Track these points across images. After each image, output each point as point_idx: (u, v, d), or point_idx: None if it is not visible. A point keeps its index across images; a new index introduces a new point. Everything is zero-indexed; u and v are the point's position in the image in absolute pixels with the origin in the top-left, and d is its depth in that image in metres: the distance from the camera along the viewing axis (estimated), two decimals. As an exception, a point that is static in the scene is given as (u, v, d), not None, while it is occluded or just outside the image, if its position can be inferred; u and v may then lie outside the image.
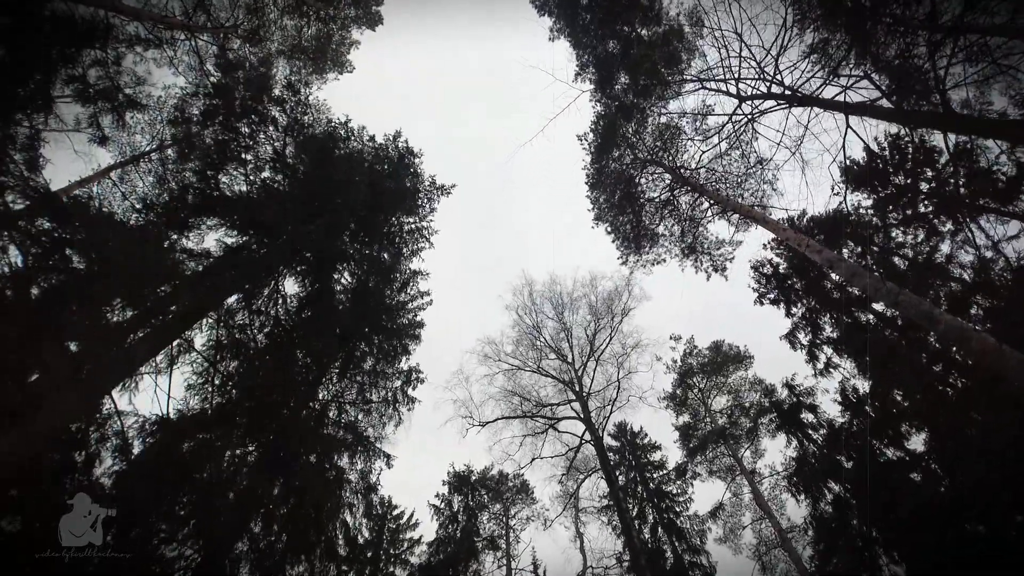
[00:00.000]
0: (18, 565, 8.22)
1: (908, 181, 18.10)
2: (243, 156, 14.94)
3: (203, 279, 13.54)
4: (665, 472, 36.70)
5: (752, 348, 37.74)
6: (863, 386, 20.15)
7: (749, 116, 18.94)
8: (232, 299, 15.27)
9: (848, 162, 19.06)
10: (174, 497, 12.32)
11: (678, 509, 34.28)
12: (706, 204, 23.08)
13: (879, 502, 17.85)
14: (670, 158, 23.02)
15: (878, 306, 19.22)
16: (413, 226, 21.60)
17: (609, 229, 25.43)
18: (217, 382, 14.63)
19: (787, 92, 16.57)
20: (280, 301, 16.48)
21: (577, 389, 37.24)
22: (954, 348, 15.95)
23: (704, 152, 21.74)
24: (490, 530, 37.28)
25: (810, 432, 23.83)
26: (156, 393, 12.95)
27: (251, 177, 15.26)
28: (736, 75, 17.83)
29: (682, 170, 22.61)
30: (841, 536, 19.99)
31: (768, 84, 17.02)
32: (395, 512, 35.48)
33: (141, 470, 11.87)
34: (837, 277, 12.97)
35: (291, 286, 17.35)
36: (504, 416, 37.88)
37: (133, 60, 14.63)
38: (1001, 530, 14.64)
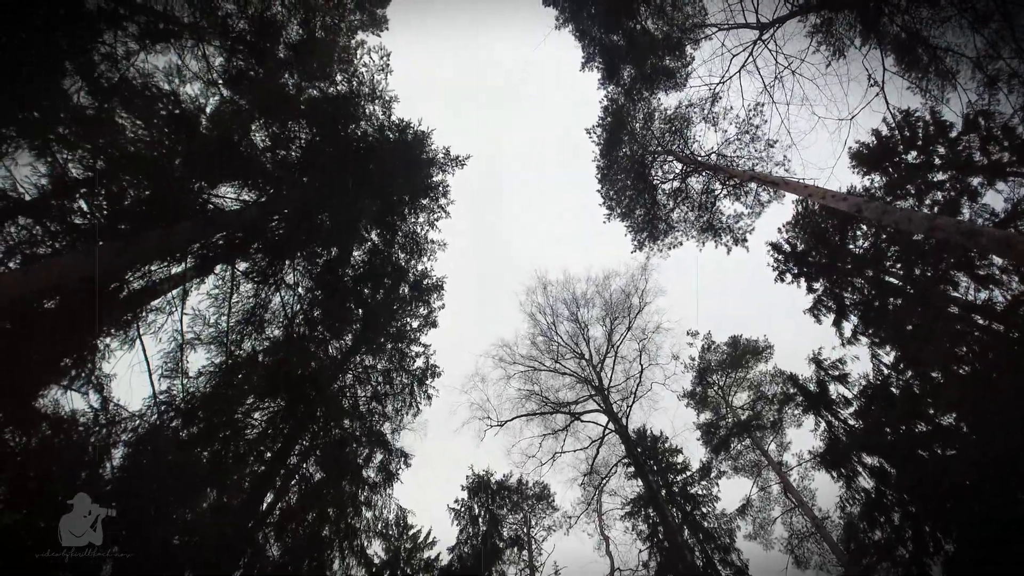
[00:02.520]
0: (18, 565, 8.31)
1: (921, 157, 18.23)
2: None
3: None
4: (689, 474, 36.20)
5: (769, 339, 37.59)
6: (889, 353, 20.18)
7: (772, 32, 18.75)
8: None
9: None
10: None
11: (705, 510, 33.87)
12: (719, 186, 23.35)
13: (913, 475, 17.78)
14: (680, 146, 23.26)
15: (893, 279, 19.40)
16: (431, 195, 21.79)
17: (622, 220, 25.56)
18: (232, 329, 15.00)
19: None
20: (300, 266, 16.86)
21: (597, 384, 37.25)
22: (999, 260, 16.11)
23: (715, 133, 22.16)
24: (512, 536, 36.93)
25: (838, 410, 23.70)
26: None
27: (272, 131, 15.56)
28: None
29: (693, 156, 22.82)
30: (879, 509, 19.74)
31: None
32: (411, 532, 35.20)
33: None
34: (868, 215, 13.01)
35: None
36: (523, 414, 38.10)
37: (143, 58, 14.85)
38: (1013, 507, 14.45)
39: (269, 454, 15.61)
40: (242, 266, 15.53)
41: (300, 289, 16.88)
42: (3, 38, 10.42)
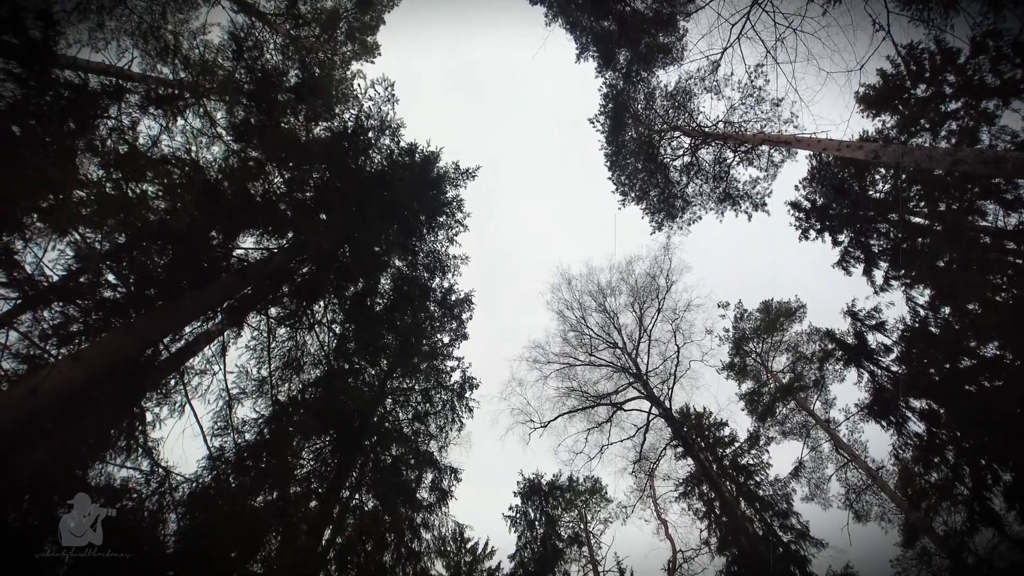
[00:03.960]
0: (18, 565, 8.23)
1: (931, 89, 17.95)
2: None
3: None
4: (737, 445, 35.87)
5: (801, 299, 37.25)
6: (923, 293, 19.96)
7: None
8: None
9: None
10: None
11: (758, 479, 33.61)
12: (730, 154, 23.14)
13: (963, 412, 17.63)
14: (686, 120, 23.08)
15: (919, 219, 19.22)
16: (447, 212, 21.70)
17: (637, 203, 25.50)
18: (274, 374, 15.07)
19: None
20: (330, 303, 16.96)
21: (635, 371, 37.04)
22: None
23: (720, 101, 21.98)
24: (570, 534, 36.86)
25: (880, 359, 23.45)
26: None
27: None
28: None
29: (700, 128, 22.65)
30: (933, 451, 19.54)
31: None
32: (469, 544, 35.25)
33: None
34: (886, 160, 12.88)
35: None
36: (565, 412, 38.00)
37: (147, 124, 14.97)
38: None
39: (322, 490, 15.70)
40: (273, 311, 15.65)
41: (335, 327, 17.07)
42: (14, 131, 10.53)
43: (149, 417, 12.27)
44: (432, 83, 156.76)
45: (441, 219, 21.38)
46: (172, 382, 12.94)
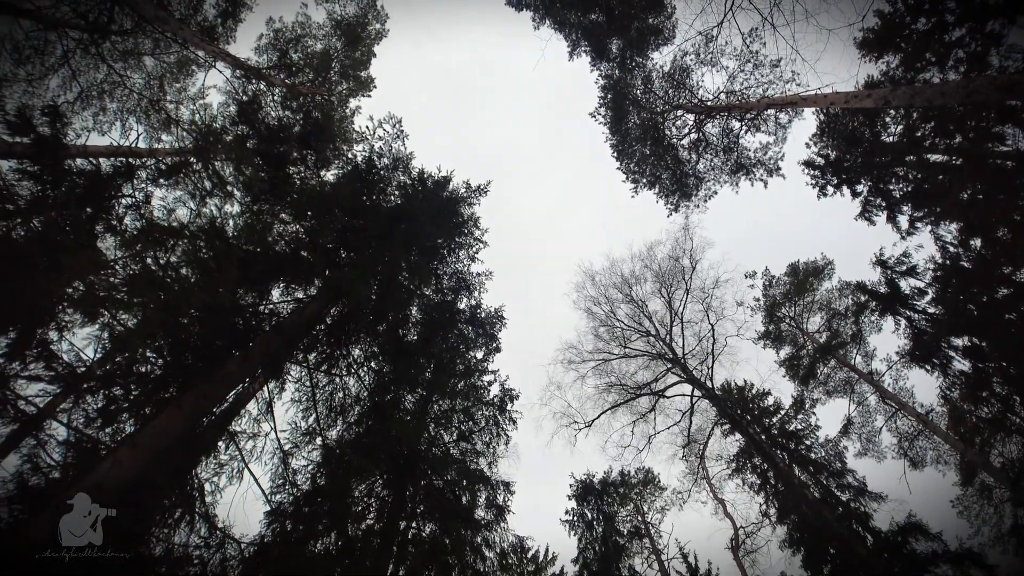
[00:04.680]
0: (18, 565, 8.02)
1: (932, 20, 17.57)
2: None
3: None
4: (783, 413, 35.46)
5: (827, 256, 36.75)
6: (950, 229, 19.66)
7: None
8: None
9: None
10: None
11: (808, 442, 33.23)
12: (736, 123, 22.89)
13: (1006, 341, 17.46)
14: (687, 97, 22.87)
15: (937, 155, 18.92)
16: (465, 231, 21.62)
17: (650, 188, 25.33)
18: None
19: None
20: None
21: (671, 356, 36.80)
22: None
23: (718, 73, 21.78)
24: (629, 528, 36.66)
25: (915, 303, 23.13)
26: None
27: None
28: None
29: (703, 103, 22.42)
30: (980, 386, 19.28)
31: None
32: (530, 553, 34.82)
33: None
34: (897, 103, 12.64)
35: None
36: (607, 408, 37.90)
37: (161, 196, 15.10)
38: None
39: (380, 524, 15.61)
40: (312, 357, 15.65)
41: (373, 363, 17.16)
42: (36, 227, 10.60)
43: (208, 488, 12.37)
44: (431, 83, 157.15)
45: (460, 239, 21.31)
46: (223, 445, 12.95)
